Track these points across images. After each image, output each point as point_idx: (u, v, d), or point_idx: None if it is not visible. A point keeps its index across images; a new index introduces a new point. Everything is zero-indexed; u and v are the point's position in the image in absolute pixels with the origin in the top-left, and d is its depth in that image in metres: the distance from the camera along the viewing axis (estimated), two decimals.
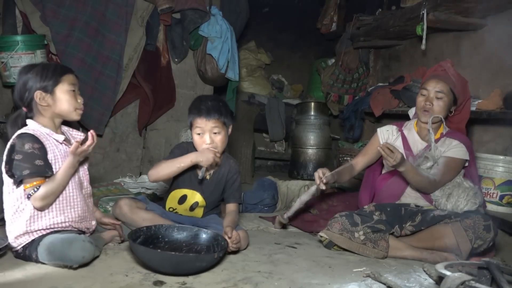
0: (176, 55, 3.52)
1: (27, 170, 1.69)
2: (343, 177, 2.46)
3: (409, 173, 2.14)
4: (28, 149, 1.71)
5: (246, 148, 4.07)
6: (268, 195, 2.97)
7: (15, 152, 1.71)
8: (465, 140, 2.33)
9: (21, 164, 1.69)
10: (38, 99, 1.80)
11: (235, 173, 2.27)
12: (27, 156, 1.70)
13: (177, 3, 3.32)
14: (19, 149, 1.70)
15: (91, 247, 1.72)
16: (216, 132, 2.13)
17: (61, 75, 1.84)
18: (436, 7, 2.86)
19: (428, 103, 2.30)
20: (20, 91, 1.81)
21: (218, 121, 2.12)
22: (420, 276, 1.91)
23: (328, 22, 5.05)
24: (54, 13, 3.01)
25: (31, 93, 1.79)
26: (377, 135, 2.51)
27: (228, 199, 2.26)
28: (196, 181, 2.22)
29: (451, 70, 2.37)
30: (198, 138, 2.14)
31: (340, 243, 2.15)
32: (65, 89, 1.84)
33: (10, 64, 2.88)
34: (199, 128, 2.13)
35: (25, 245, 1.76)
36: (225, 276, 1.75)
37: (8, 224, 1.79)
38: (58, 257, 1.69)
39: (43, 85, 1.80)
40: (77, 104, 1.88)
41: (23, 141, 1.72)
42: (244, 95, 4.63)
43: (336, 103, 4.51)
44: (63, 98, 1.83)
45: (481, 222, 2.04)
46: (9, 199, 1.78)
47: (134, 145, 3.47)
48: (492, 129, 2.94)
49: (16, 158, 1.70)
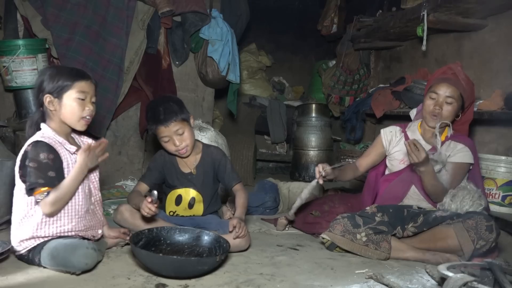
0: (177, 58, 3.53)
1: (41, 179, 1.68)
2: (346, 175, 2.46)
3: (428, 175, 2.13)
4: (43, 159, 1.70)
5: (248, 150, 4.07)
6: (269, 198, 2.97)
7: (28, 159, 1.69)
8: (469, 143, 2.32)
9: (35, 172, 1.68)
10: (47, 103, 1.78)
11: (222, 157, 2.31)
12: (41, 166, 1.69)
13: (178, 6, 3.33)
14: (34, 158, 1.69)
15: (94, 254, 1.71)
16: (180, 133, 2.18)
17: (72, 81, 1.79)
18: (436, 8, 2.86)
19: (437, 108, 2.26)
20: (37, 89, 1.81)
21: (177, 122, 2.17)
22: (423, 277, 1.91)
23: (329, 24, 5.06)
24: (56, 17, 3.02)
25: (42, 95, 1.78)
26: (381, 136, 2.51)
27: (229, 184, 2.29)
28: (185, 179, 2.26)
29: (461, 74, 2.30)
30: (168, 145, 2.20)
31: (342, 244, 2.15)
32: (73, 96, 1.79)
33: (11, 68, 2.89)
34: (165, 136, 2.18)
35: (30, 249, 1.75)
36: (227, 278, 1.75)
37: (14, 228, 1.78)
38: (61, 263, 1.68)
39: (53, 88, 1.77)
40: (83, 113, 1.82)
41: (38, 150, 1.70)
42: (245, 97, 4.63)
43: (337, 105, 4.51)
44: (68, 105, 1.79)
45: (483, 222, 2.03)
46: (19, 204, 1.76)
47: (136, 148, 3.48)
48: (494, 130, 2.94)
49: (31, 165, 1.68)
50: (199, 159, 2.30)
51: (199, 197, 2.28)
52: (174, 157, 2.30)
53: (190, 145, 2.21)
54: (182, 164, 2.30)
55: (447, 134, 2.35)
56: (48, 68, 1.82)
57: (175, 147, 2.19)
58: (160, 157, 2.32)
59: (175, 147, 2.19)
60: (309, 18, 5.27)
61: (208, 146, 2.37)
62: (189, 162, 2.30)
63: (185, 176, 2.28)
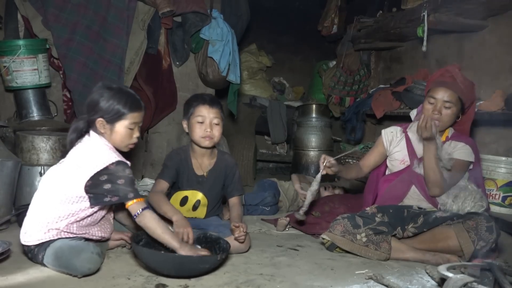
0: (178, 58, 3.53)
1: (132, 193, 1.76)
2: (349, 174, 2.48)
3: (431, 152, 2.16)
4: (129, 174, 1.79)
5: (248, 151, 4.07)
6: (269, 194, 2.98)
7: (114, 176, 1.75)
8: (470, 142, 2.31)
9: (125, 188, 1.76)
10: (98, 125, 1.82)
11: (233, 167, 2.32)
12: (129, 180, 1.77)
13: (178, 7, 3.33)
14: (121, 174, 1.76)
15: (98, 260, 1.72)
16: (216, 123, 2.18)
17: (128, 112, 1.83)
18: (437, 8, 2.86)
19: (436, 113, 2.24)
20: (90, 105, 1.83)
21: (219, 112, 2.19)
22: (423, 278, 1.91)
23: (329, 25, 5.06)
24: (56, 17, 3.02)
25: (95, 115, 1.81)
26: (381, 137, 2.51)
27: (231, 193, 2.29)
28: (195, 181, 2.26)
29: (459, 77, 2.28)
30: (198, 127, 2.18)
31: (342, 245, 2.15)
32: (125, 125, 1.85)
33: (12, 68, 2.90)
34: (201, 116, 2.17)
35: (38, 244, 1.74)
36: (227, 278, 1.75)
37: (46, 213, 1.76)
38: (64, 264, 1.68)
39: (107, 114, 1.81)
40: (131, 140, 1.89)
41: (123, 167, 1.78)
42: (246, 97, 4.64)
43: (338, 105, 4.52)
44: (119, 132, 1.85)
45: (483, 223, 2.03)
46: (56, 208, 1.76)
47: (136, 148, 3.47)
48: (494, 131, 2.94)
49: (119, 183, 1.75)
50: (213, 164, 2.30)
51: (205, 200, 2.28)
52: (189, 157, 2.28)
53: (215, 139, 2.21)
54: (197, 166, 2.28)
55: (447, 134, 2.35)
56: (107, 89, 1.84)
57: (204, 132, 2.17)
58: (177, 156, 2.29)
59: (205, 132, 2.17)
60: (309, 18, 5.28)
61: (223, 153, 2.37)
62: (204, 165, 2.29)
63: (196, 178, 2.27)
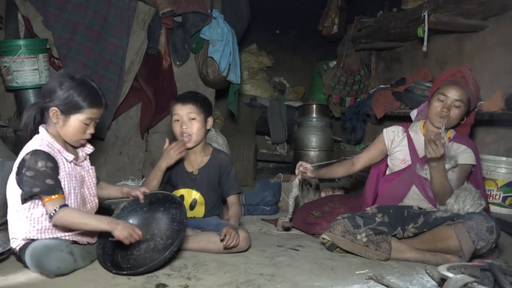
0: (178, 58, 3.53)
1: (37, 188, 1.63)
2: (337, 172, 2.52)
3: (439, 172, 2.14)
4: (41, 167, 1.65)
5: (248, 151, 4.07)
6: (269, 193, 2.98)
7: (25, 168, 1.65)
8: (472, 145, 2.32)
9: (32, 181, 1.63)
10: (51, 114, 1.74)
11: (228, 165, 2.32)
12: (38, 174, 1.64)
13: (179, 7, 3.33)
14: (32, 166, 1.64)
15: (68, 258, 1.67)
16: (192, 117, 2.20)
17: (87, 107, 1.75)
18: (437, 8, 2.86)
19: (445, 110, 2.25)
20: (47, 92, 1.74)
21: (193, 107, 2.21)
22: (423, 278, 1.91)
23: (330, 25, 5.06)
24: (57, 17, 3.02)
25: (50, 103, 1.73)
26: (383, 135, 2.51)
27: (228, 192, 2.29)
28: (188, 179, 2.27)
29: (470, 78, 2.30)
30: (176, 125, 2.23)
31: (342, 245, 2.15)
32: (81, 119, 1.76)
33: (12, 68, 2.90)
34: (176, 114, 2.22)
35: (21, 247, 1.72)
36: (227, 278, 1.75)
37: (10, 226, 1.76)
38: (36, 263, 1.65)
39: (63, 104, 1.73)
40: (83, 136, 1.81)
41: (36, 158, 1.66)
42: (246, 97, 4.64)
43: (338, 105, 4.51)
44: (72, 125, 1.76)
45: (483, 223, 2.03)
46: (15, 205, 1.73)
47: (136, 148, 3.48)
48: (495, 131, 2.93)
49: (27, 174, 1.64)
50: (206, 161, 2.30)
51: (202, 199, 2.28)
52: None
53: (194, 137, 2.21)
54: (188, 162, 2.30)
55: (449, 135, 2.35)
56: (69, 78, 1.74)
57: (180, 129, 2.20)
58: None
59: (181, 130, 2.20)
60: (309, 18, 5.28)
61: (218, 152, 2.37)
62: (195, 162, 2.30)
63: (188, 175, 2.28)
